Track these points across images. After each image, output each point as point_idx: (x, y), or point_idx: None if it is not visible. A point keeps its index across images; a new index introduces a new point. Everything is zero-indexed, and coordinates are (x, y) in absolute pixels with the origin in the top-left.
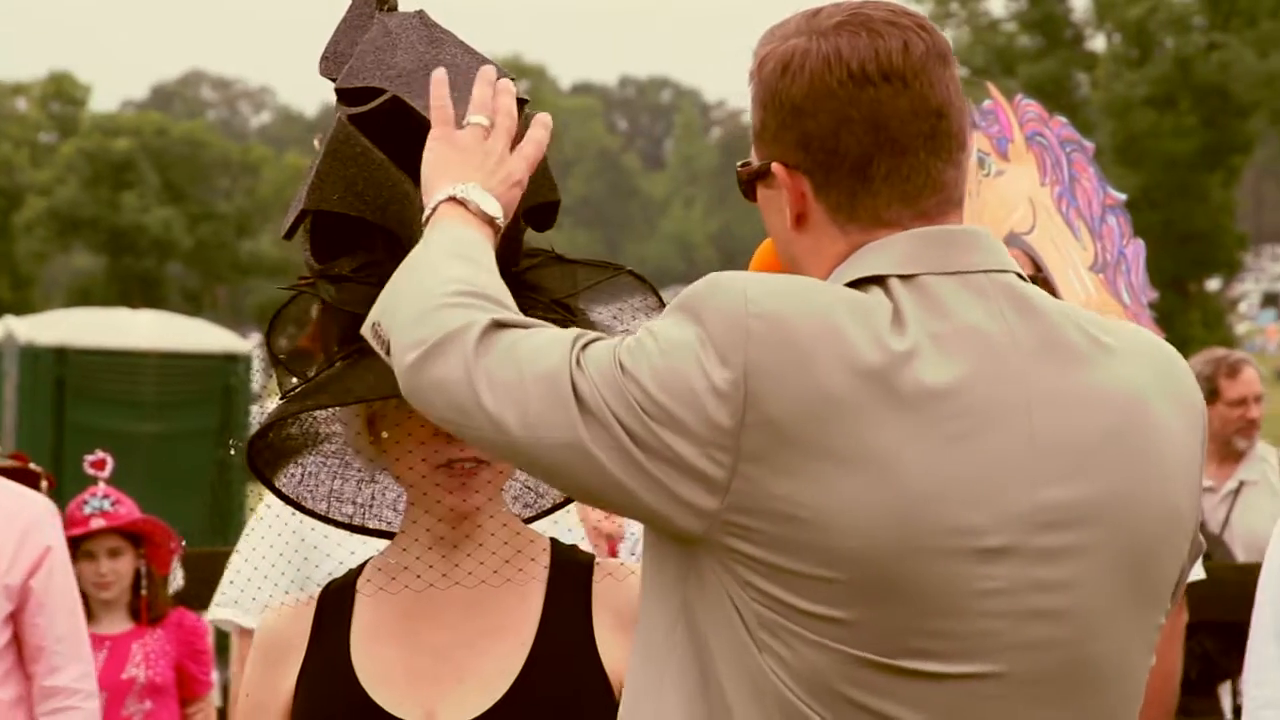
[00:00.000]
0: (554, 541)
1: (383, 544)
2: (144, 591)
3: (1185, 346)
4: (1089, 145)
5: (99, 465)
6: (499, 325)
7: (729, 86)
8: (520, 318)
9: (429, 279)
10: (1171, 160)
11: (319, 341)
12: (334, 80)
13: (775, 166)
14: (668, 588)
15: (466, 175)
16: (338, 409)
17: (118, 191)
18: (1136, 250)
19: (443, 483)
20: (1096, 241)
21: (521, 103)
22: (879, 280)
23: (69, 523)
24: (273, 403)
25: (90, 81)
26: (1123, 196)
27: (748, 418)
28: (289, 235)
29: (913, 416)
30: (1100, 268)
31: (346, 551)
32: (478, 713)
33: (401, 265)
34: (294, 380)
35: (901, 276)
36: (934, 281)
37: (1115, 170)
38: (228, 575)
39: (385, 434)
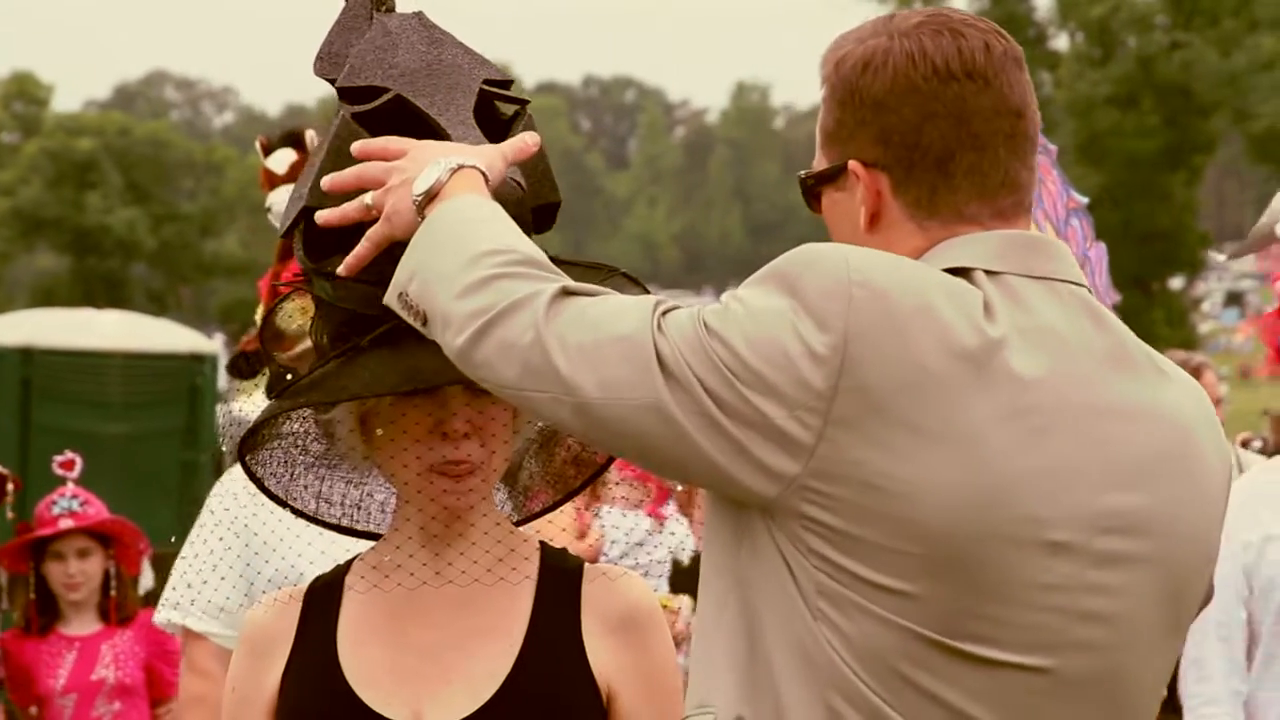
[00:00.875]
0: (544, 544)
1: (333, 546)
2: (113, 592)
3: (1149, 346)
4: (1053, 148)
5: (68, 466)
6: (568, 292)
7: (692, 86)
8: (587, 285)
9: (473, 245)
10: (1134, 159)
11: (263, 343)
12: (330, 80)
13: (853, 164)
14: (721, 560)
15: (452, 152)
16: (331, 408)
17: (81, 192)
18: (1100, 253)
19: (435, 482)
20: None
21: (521, 103)
22: (965, 272)
23: (37, 523)
24: (245, 401)
25: (53, 81)
26: (1085, 200)
27: (842, 382)
28: (288, 233)
29: (1002, 402)
30: None
31: (295, 552)
32: (465, 714)
33: (422, 233)
34: (287, 377)
35: (988, 271)
36: (1018, 281)
37: (1078, 169)
38: (173, 578)
39: (380, 431)
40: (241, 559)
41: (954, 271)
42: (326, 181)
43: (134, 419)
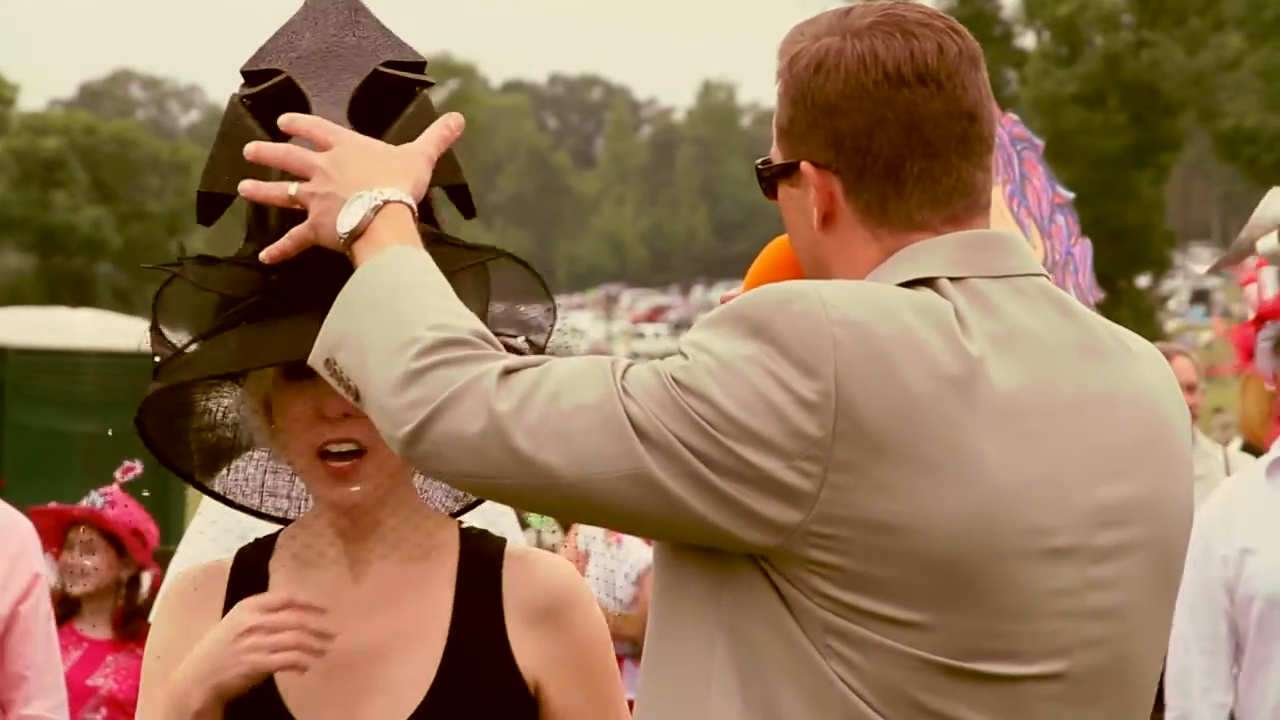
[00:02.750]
0: (463, 532)
1: None
2: (120, 601)
3: None
4: (1039, 143)
5: (125, 471)
6: (511, 370)
7: (659, 85)
8: (527, 357)
9: (405, 323)
10: (1101, 158)
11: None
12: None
13: (804, 165)
14: (695, 610)
15: (378, 177)
16: (240, 396)
17: (47, 191)
18: (1084, 250)
19: (320, 476)
20: (1045, 240)
21: (425, 85)
22: (928, 282)
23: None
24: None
25: (18, 81)
26: (1070, 195)
27: (839, 426)
28: (201, 220)
29: (991, 418)
30: (1050, 267)
31: None
32: None
33: (348, 294)
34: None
35: (952, 278)
36: (982, 284)
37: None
38: (169, 576)
39: (274, 422)
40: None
41: (918, 282)
42: (251, 148)
43: (108, 418)
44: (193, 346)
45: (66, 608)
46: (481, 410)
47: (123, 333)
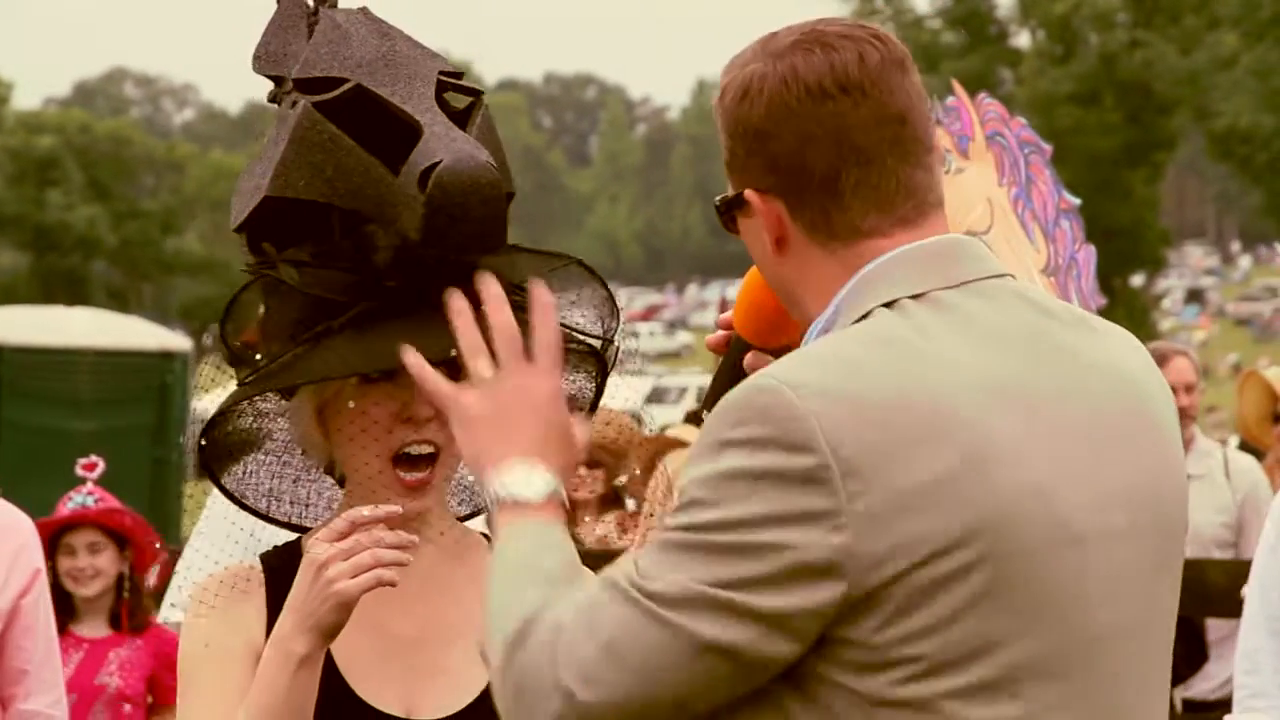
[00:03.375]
0: (484, 535)
1: None
2: (125, 595)
3: None
4: (1047, 148)
5: (89, 467)
6: (559, 625)
7: (654, 84)
8: (567, 607)
9: (506, 614)
10: (1095, 157)
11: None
12: (271, 76)
13: (748, 194)
14: None
15: (510, 449)
16: (290, 401)
17: (42, 189)
18: (1088, 255)
19: (393, 484)
20: (1050, 245)
21: (476, 93)
22: (892, 304)
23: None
24: (213, 396)
25: (12, 79)
26: (1077, 201)
27: (849, 488)
28: (243, 226)
29: (982, 417)
30: (1052, 271)
31: None
32: (457, 708)
33: (495, 559)
34: (251, 365)
35: (913, 296)
36: (944, 295)
37: None
38: (176, 577)
39: (351, 402)
40: (239, 558)
41: (881, 307)
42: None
43: (104, 416)
44: (291, 351)
45: (63, 615)
46: (552, 693)
47: (118, 331)
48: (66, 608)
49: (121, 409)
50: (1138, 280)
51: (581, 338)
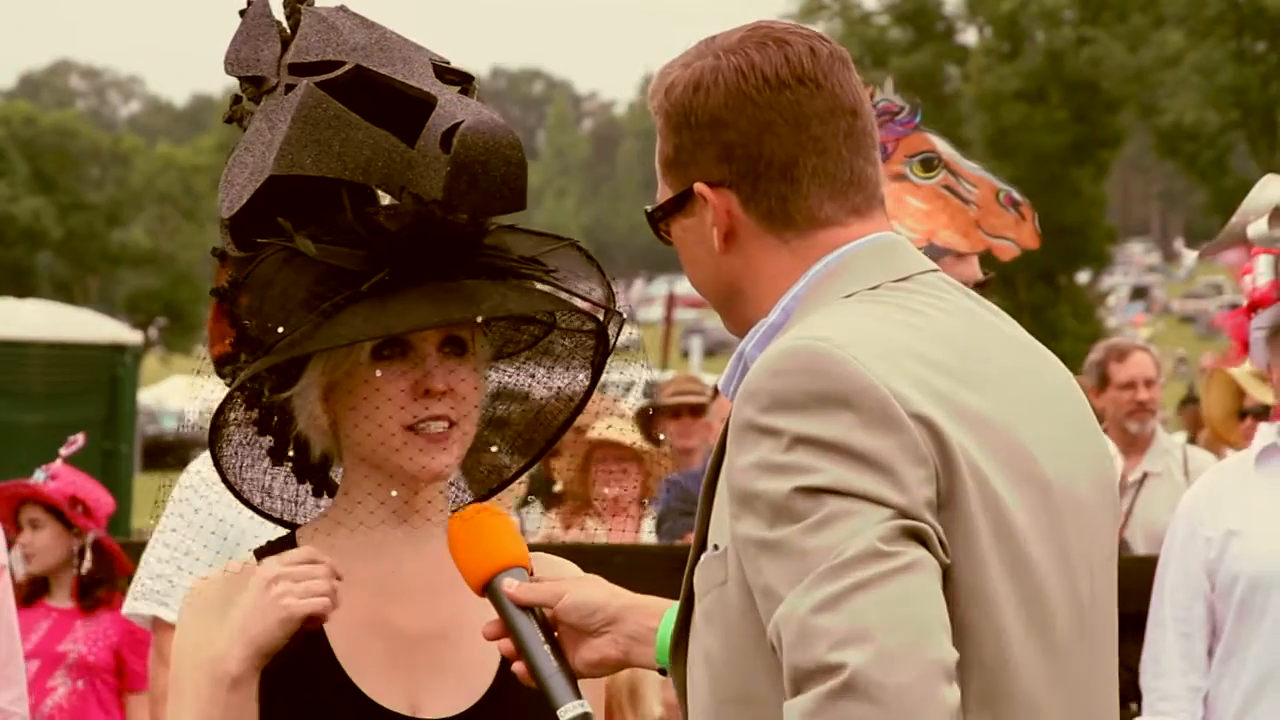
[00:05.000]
0: None
1: None
2: (79, 571)
3: (1057, 339)
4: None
5: (69, 445)
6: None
7: (601, 78)
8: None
9: None
10: (1042, 154)
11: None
12: (247, 78)
13: (698, 187)
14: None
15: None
16: (297, 382)
17: None
18: None
19: (408, 446)
20: None
21: (468, 78)
22: (847, 298)
23: None
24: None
25: None
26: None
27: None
28: (241, 209)
29: (977, 393)
30: None
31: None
32: (464, 707)
33: None
34: (271, 339)
35: (870, 289)
36: (897, 285)
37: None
38: (145, 568)
39: (356, 398)
40: (214, 549)
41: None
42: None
43: (54, 408)
44: (313, 319)
45: (38, 584)
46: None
47: (69, 324)
48: (39, 579)
49: (72, 401)
50: (1083, 277)
51: (587, 311)
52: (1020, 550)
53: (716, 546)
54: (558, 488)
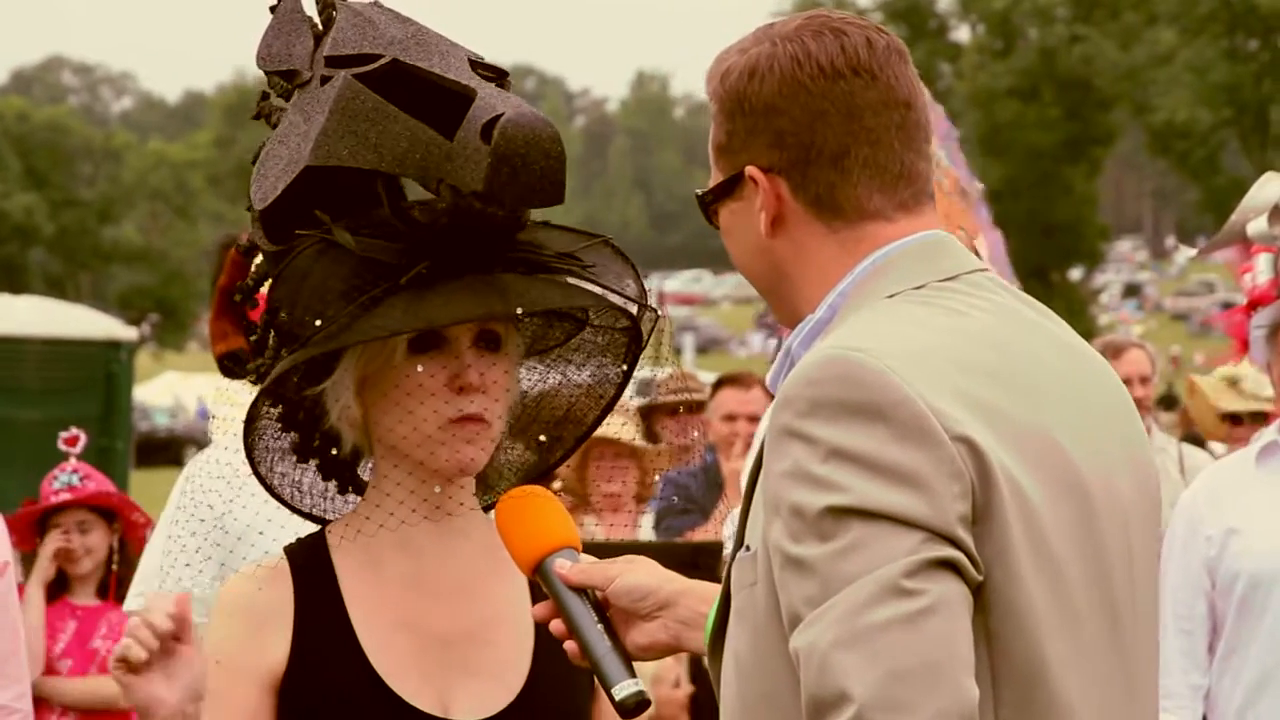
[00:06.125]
0: None
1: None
2: (114, 567)
3: None
4: (956, 132)
5: (71, 442)
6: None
7: (592, 75)
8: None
9: None
10: (1035, 151)
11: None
12: (279, 73)
13: (750, 170)
14: None
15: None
16: (332, 377)
17: None
18: (996, 241)
19: (443, 439)
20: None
21: (502, 74)
22: (891, 297)
23: (41, 499)
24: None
25: None
26: (982, 186)
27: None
28: (274, 201)
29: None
30: None
31: (270, 540)
32: (495, 710)
33: None
34: (309, 331)
35: (915, 288)
36: (943, 285)
37: (980, 161)
38: (142, 565)
39: (390, 389)
40: (216, 545)
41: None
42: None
43: (50, 405)
44: (350, 310)
45: (58, 584)
46: None
47: (64, 320)
48: (60, 580)
49: (68, 398)
50: (1076, 275)
51: (615, 299)
52: (1055, 558)
53: (749, 547)
54: (555, 485)
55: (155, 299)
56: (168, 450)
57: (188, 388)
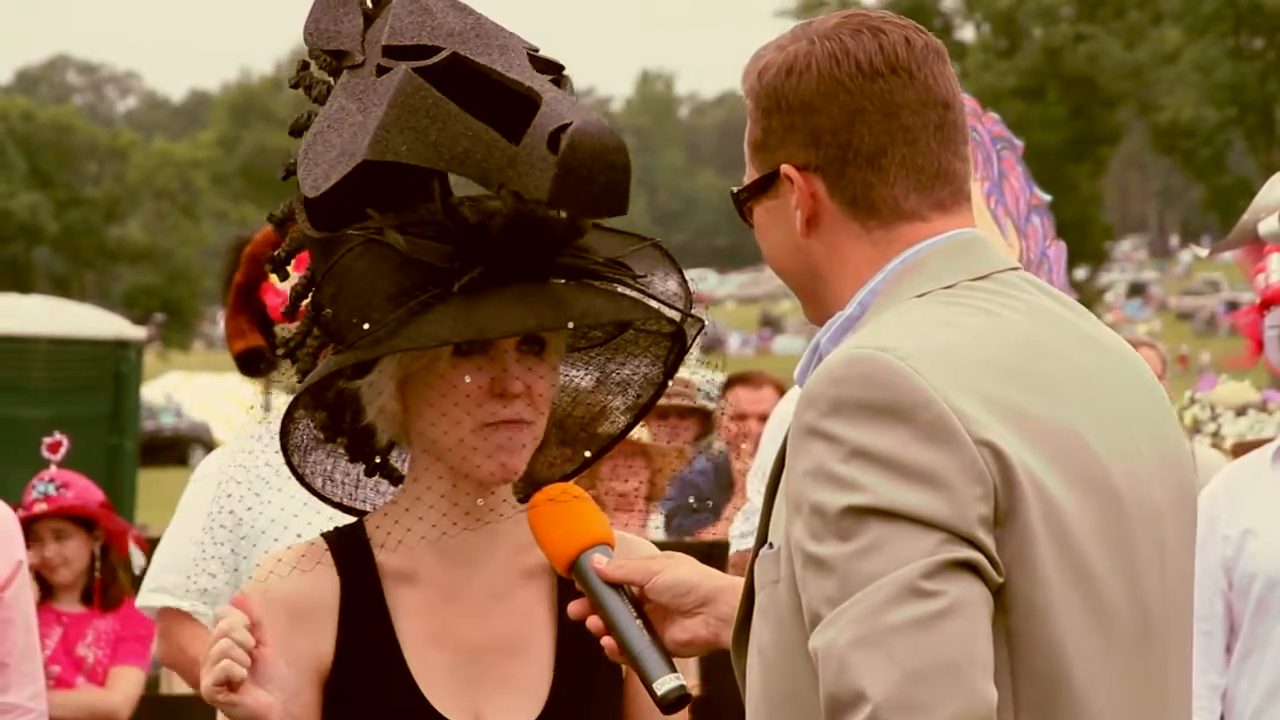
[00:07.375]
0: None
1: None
2: (97, 574)
3: None
4: (1018, 144)
5: (54, 448)
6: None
7: (597, 75)
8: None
9: None
10: (1040, 151)
11: (240, 316)
12: (327, 51)
13: (785, 168)
14: None
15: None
16: (368, 373)
17: None
18: (1059, 252)
19: (482, 446)
20: (1022, 240)
21: (559, 68)
22: (921, 296)
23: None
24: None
25: None
26: (1048, 197)
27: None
28: (326, 191)
29: (1043, 390)
30: (1025, 266)
31: (290, 534)
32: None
33: None
34: (356, 334)
35: (945, 288)
36: (974, 284)
37: None
38: (155, 562)
39: (431, 392)
40: (229, 545)
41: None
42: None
43: (58, 404)
44: (398, 314)
45: (42, 592)
46: None
47: (73, 319)
48: (42, 586)
49: (77, 397)
50: (1080, 274)
51: (667, 312)
52: (1081, 559)
53: (772, 545)
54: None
55: (160, 298)
56: (173, 449)
57: (193, 387)
